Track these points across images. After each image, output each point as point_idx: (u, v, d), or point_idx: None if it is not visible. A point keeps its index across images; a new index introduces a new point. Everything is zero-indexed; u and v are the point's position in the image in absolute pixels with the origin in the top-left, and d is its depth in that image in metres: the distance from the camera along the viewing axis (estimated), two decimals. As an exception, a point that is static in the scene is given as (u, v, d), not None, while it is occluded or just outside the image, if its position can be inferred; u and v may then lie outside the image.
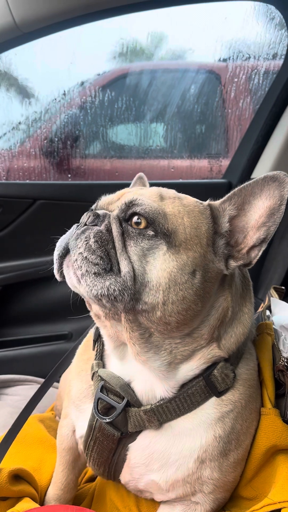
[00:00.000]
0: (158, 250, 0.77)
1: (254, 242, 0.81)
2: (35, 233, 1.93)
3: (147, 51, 2.31)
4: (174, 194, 0.85)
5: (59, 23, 1.42)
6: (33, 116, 2.18)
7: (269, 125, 2.00)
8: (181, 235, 0.78)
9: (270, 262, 2.04)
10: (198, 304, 0.79)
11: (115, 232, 0.79)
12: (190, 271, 0.77)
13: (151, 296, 0.76)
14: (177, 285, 0.76)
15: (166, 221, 0.78)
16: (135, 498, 1.06)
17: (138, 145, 2.35)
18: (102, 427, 0.92)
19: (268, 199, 0.78)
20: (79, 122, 2.24)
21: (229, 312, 0.86)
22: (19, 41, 1.44)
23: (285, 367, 0.95)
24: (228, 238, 0.83)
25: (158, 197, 0.82)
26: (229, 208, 0.82)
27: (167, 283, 0.76)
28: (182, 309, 0.77)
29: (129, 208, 0.80)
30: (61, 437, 1.09)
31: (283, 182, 0.76)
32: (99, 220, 0.81)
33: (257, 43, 2.15)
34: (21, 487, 1.04)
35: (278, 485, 0.85)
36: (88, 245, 0.77)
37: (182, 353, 0.83)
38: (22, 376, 1.77)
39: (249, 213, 0.81)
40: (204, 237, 0.80)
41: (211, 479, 0.88)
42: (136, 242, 0.78)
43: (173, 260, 0.76)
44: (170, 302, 0.76)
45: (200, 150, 2.39)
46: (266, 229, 0.79)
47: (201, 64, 2.32)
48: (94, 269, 0.75)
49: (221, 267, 0.82)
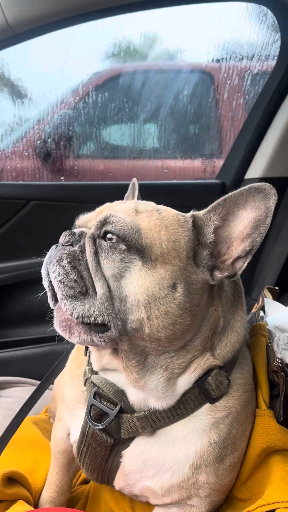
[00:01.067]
0: (133, 265, 0.76)
1: (239, 253, 0.80)
2: (28, 234, 1.93)
3: (140, 52, 2.31)
4: (153, 207, 0.83)
5: (52, 24, 1.42)
6: (25, 116, 2.17)
7: (262, 125, 2.00)
8: (157, 249, 0.77)
9: (264, 262, 2.05)
10: (186, 318, 0.78)
11: (88, 252, 0.78)
12: (170, 285, 0.76)
13: (135, 313, 0.75)
14: (157, 300, 0.75)
15: (140, 237, 0.77)
16: (130, 500, 1.06)
17: (131, 146, 2.35)
18: (95, 434, 0.91)
19: (253, 211, 0.77)
20: (72, 122, 2.23)
21: (221, 322, 0.85)
22: (12, 42, 1.44)
23: (279, 368, 0.95)
24: (212, 249, 0.82)
25: (133, 211, 0.81)
26: (214, 219, 0.81)
27: (145, 298, 0.75)
28: (168, 324, 0.77)
29: (103, 225, 0.79)
30: (55, 440, 1.09)
31: (268, 194, 0.75)
32: (75, 240, 0.81)
33: (250, 44, 2.16)
34: (15, 489, 1.04)
35: (272, 485, 0.85)
36: (61, 267, 0.77)
37: (178, 366, 0.83)
38: (17, 378, 1.77)
39: (233, 223, 0.80)
40: (183, 250, 0.79)
41: (207, 483, 0.88)
42: (108, 255, 0.77)
43: (149, 275, 0.75)
44: (154, 317, 0.76)
45: (194, 151, 2.39)
46: (252, 240, 0.78)
47: (194, 65, 2.32)
48: (70, 292, 0.75)
49: (206, 278, 0.81)
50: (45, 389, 1.13)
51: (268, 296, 1.29)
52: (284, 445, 0.90)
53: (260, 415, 0.94)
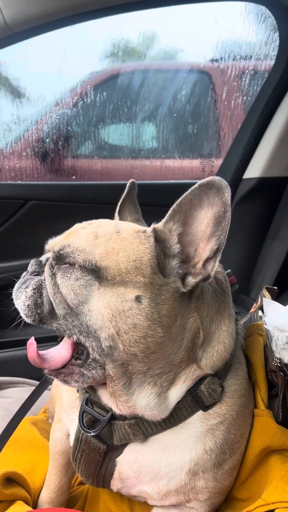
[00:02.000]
0: (89, 285, 0.77)
1: (208, 254, 0.77)
2: (27, 234, 1.92)
3: (139, 51, 2.31)
4: (113, 229, 0.81)
5: (50, 23, 1.41)
6: (24, 116, 2.17)
7: (261, 125, 2.00)
8: (114, 270, 0.76)
9: (262, 262, 2.05)
10: (157, 330, 0.76)
11: (47, 277, 0.81)
12: (132, 298, 0.75)
13: (104, 329, 0.75)
14: (122, 313, 0.75)
15: (93, 260, 0.77)
16: (129, 501, 1.06)
17: (130, 145, 2.34)
18: (88, 440, 0.91)
19: (210, 208, 0.74)
20: (71, 122, 2.23)
21: (200, 334, 0.83)
22: (10, 41, 1.43)
23: (277, 368, 0.95)
24: (181, 257, 0.80)
25: (93, 237, 0.80)
26: (175, 228, 0.78)
27: (109, 312, 0.75)
28: (139, 338, 0.76)
29: (59, 256, 0.80)
30: (54, 441, 1.08)
31: (220, 188, 0.72)
32: (40, 270, 0.85)
33: (249, 44, 2.16)
34: (14, 490, 1.04)
35: (271, 485, 0.85)
36: (26, 292, 0.83)
37: (166, 379, 0.82)
38: (15, 378, 1.76)
39: (193, 225, 0.77)
40: (147, 267, 0.77)
41: (205, 487, 0.88)
42: (64, 277, 0.78)
43: (108, 292, 0.76)
44: (123, 332, 0.75)
45: (192, 150, 2.39)
46: (217, 238, 0.76)
47: (192, 64, 2.31)
48: (37, 318, 0.81)
49: (177, 286, 0.78)
50: (43, 389, 1.13)
51: (267, 295, 1.29)
52: (283, 444, 0.91)
53: (258, 415, 0.94)
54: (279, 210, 2.02)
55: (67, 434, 1.05)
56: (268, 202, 2.06)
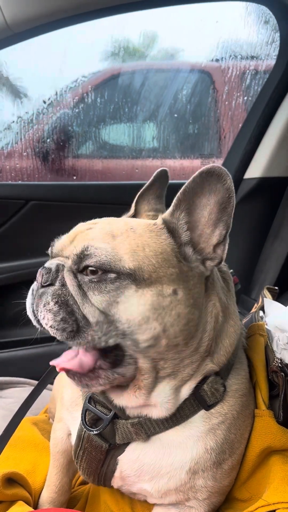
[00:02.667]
0: (126, 290, 0.74)
1: (218, 238, 0.80)
2: (28, 234, 1.92)
3: (139, 51, 2.31)
4: (125, 226, 0.80)
5: (51, 23, 1.42)
6: (25, 116, 2.17)
7: (262, 125, 2.00)
8: (148, 267, 0.75)
9: (264, 262, 2.05)
10: (195, 312, 0.79)
11: (71, 286, 0.76)
12: (170, 293, 0.76)
13: (148, 331, 0.75)
14: (165, 308, 0.75)
15: (125, 262, 0.74)
16: (130, 500, 1.06)
17: (130, 145, 2.34)
18: (90, 438, 0.91)
19: (213, 194, 0.76)
20: (71, 122, 2.23)
21: (220, 317, 0.85)
22: (10, 41, 1.43)
23: (278, 368, 0.95)
24: (192, 243, 0.81)
25: (110, 237, 0.77)
26: (182, 216, 0.80)
27: (154, 313, 0.74)
28: (183, 325, 0.77)
29: (81, 260, 0.76)
30: (55, 441, 1.08)
31: (221, 174, 0.74)
32: (53, 278, 0.78)
33: (250, 43, 2.16)
34: (15, 490, 1.04)
35: (272, 486, 0.85)
36: (49, 311, 0.75)
37: (188, 373, 0.83)
38: (15, 378, 1.76)
39: (195, 212, 0.79)
40: (172, 257, 0.78)
41: (205, 487, 0.88)
42: (98, 289, 0.74)
43: (148, 292, 0.75)
44: (170, 325, 0.76)
45: (193, 150, 2.39)
46: (224, 223, 0.78)
47: (193, 64, 2.31)
48: (65, 334, 0.74)
49: (201, 270, 0.81)
50: (42, 389, 1.13)
51: (268, 296, 1.29)
52: (284, 445, 0.90)
53: (259, 415, 0.94)
54: (280, 210, 2.02)
55: (68, 434, 1.05)
56: (269, 202, 2.06)
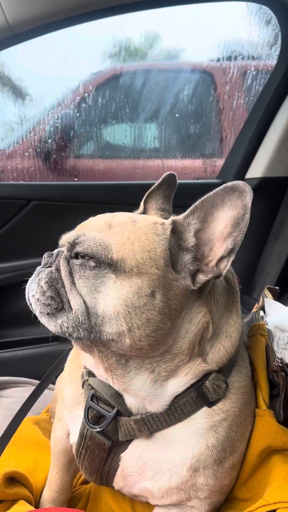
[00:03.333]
0: (106, 279, 0.77)
1: (223, 253, 0.79)
2: (29, 234, 1.93)
3: (141, 51, 2.31)
4: (128, 219, 0.83)
5: (52, 24, 1.42)
6: (26, 116, 2.17)
7: (263, 125, 2.00)
8: (131, 260, 0.77)
9: (264, 262, 2.05)
10: (166, 323, 0.79)
11: (63, 271, 0.81)
12: (148, 293, 0.76)
13: (114, 326, 0.76)
14: (137, 309, 0.76)
15: (109, 252, 0.77)
16: (131, 500, 1.06)
17: (132, 145, 2.35)
18: (93, 436, 0.92)
19: (231, 209, 0.77)
20: (73, 122, 2.23)
21: (210, 329, 0.84)
22: (12, 42, 1.43)
23: (279, 368, 0.95)
24: (195, 253, 0.82)
25: (106, 226, 0.81)
26: (194, 222, 0.80)
27: (125, 309, 0.75)
28: (150, 331, 0.77)
29: (73, 247, 0.81)
30: (55, 440, 1.09)
31: (243, 191, 0.75)
32: (52, 261, 0.84)
33: (251, 43, 2.16)
34: (16, 489, 1.04)
35: (273, 485, 0.85)
36: (39, 286, 0.81)
37: (165, 369, 0.83)
38: (17, 378, 1.77)
39: (212, 224, 0.79)
40: (160, 258, 0.79)
41: (205, 485, 0.88)
42: (80, 274, 0.78)
43: (125, 286, 0.76)
44: (136, 327, 0.76)
45: (194, 150, 2.39)
46: (233, 239, 0.78)
47: (194, 64, 2.31)
48: (47, 310, 0.80)
49: (187, 284, 0.80)
50: (44, 389, 1.13)
51: (269, 296, 1.29)
52: (285, 445, 0.91)
53: (260, 415, 0.94)
54: (281, 210, 2.02)
55: (67, 433, 1.05)
56: (270, 202, 2.06)
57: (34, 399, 1.12)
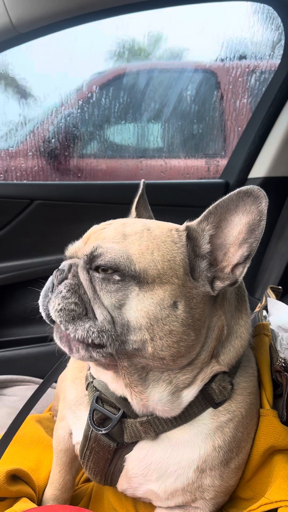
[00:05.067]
0: (129, 292, 0.75)
1: (238, 259, 0.78)
2: (32, 233, 1.93)
3: (145, 51, 2.31)
4: (142, 227, 0.80)
5: (56, 24, 1.42)
6: (30, 116, 2.18)
7: (266, 125, 2.00)
8: (153, 271, 0.75)
9: (267, 261, 2.04)
10: (190, 334, 0.78)
11: (84, 280, 0.78)
12: (170, 304, 0.75)
13: (138, 334, 0.75)
14: (160, 321, 0.75)
15: (132, 263, 0.75)
16: (133, 499, 1.06)
17: (135, 145, 2.35)
18: (97, 438, 0.91)
19: (245, 215, 0.75)
20: (77, 122, 2.24)
21: (225, 330, 0.84)
22: (16, 42, 1.44)
23: (282, 368, 0.95)
24: (210, 259, 0.81)
25: (121, 236, 0.78)
26: (208, 228, 0.79)
27: (147, 322, 0.74)
28: (173, 342, 0.76)
29: (92, 260, 0.78)
30: (57, 439, 1.09)
31: (258, 197, 0.74)
32: (65, 275, 0.80)
33: (255, 43, 2.16)
34: (19, 487, 1.04)
35: (275, 484, 0.85)
36: (62, 297, 0.76)
37: (184, 382, 0.82)
38: (20, 377, 1.77)
39: (226, 229, 0.78)
40: (180, 267, 0.77)
41: (212, 486, 0.88)
42: (104, 288, 0.76)
43: (148, 298, 0.75)
44: (158, 338, 0.75)
45: (198, 150, 2.39)
46: (248, 245, 0.77)
47: (198, 64, 2.31)
48: (72, 315, 0.75)
49: (206, 290, 0.79)
50: (47, 387, 1.13)
51: (271, 295, 1.29)
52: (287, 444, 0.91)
53: (263, 415, 0.94)
54: (284, 210, 2.02)
55: (70, 433, 1.05)
56: (273, 202, 2.04)
57: (37, 398, 1.12)
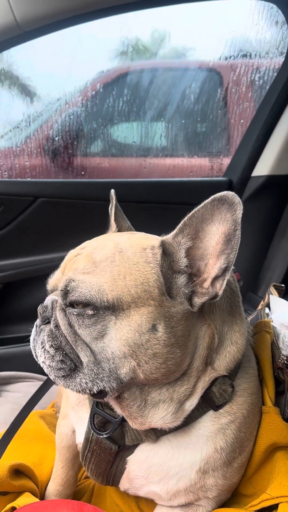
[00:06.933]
0: (107, 322, 0.73)
1: (216, 272, 0.75)
2: (36, 231, 1.94)
3: (149, 50, 2.31)
4: (114, 249, 0.77)
5: (61, 21, 1.42)
6: (34, 114, 2.19)
7: (270, 123, 2.00)
8: (127, 297, 0.74)
9: (270, 260, 2.05)
10: (176, 352, 0.76)
11: (63, 326, 0.77)
12: (149, 329, 0.73)
13: (126, 365, 0.75)
14: (141, 347, 0.73)
15: (103, 294, 0.73)
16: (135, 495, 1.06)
17: (139, 144, 2.35)
18: (99, 440, 0.91)
19: (222, 224, 0.72)
20: (80, 120, 2.24)
21: (216, 338, 0.82)
22: (20, 40, 1.44)
23: (284, 365, 0.96)
24: (191, 272, 0.78)
25: (92, 264, 0.76)
26: (183, 241, 0.76)
27: (129, 349, 0.73)
28: (160, 364, 0.75)
29: (66, 296, 0.76)
30: (60, 436, 1.10)
31: (233, 204, 0.69)
32: (49, 315, 0.80)
33: (259, 41, 2.15)
34: (22, 482, 1.05)
35: (276, 480, 0.86)
36: (46, 352, 0.77)
37: (184, 393, 0.81)
38: (23, 373, 1.78)
39: (205, 239, 0.75)
40: (154, 288, 0.74)
41: (215, 485, 0.88)
42: (80, 324, 0.75)
43: (125, 326, 0.73)
44: (144, 362, 0.74)
45: (201, 148, 2.39)
46: (226, 257, 0.73)
47: (202, 62, 2.31)
48: (61, 373, 0.76)
49: (185, 307, 0.77)
50: (51, 384, 1.14)
51: (274, 293, 1.29)
52: (289, 441, 0.91)
53: (265, 412, 0.94)
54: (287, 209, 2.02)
55: (72, 430, 1.06)
56: (276, 200, 2.05)
57: (40, 394, 1.12)
